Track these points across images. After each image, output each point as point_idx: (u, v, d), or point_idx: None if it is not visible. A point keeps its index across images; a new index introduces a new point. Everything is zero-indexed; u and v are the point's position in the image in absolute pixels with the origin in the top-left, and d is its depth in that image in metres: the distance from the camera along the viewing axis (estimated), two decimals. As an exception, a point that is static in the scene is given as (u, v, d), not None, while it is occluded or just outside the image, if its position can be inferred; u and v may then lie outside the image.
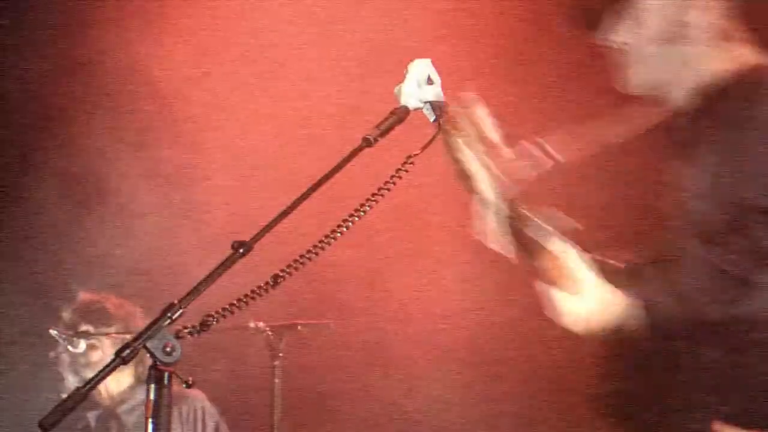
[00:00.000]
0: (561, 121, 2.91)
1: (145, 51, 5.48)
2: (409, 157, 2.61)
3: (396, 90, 2.69)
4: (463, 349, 5.26)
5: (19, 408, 5.30)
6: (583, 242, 2.76)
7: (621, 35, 2.92)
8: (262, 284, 2.36)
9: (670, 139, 2.94)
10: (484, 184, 2.71)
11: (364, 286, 5.38)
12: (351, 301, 5.36)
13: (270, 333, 4.52)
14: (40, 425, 2.17)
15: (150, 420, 2.22)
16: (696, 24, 2.90)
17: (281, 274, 2.37)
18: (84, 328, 4.65)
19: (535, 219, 2.73)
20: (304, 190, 2.43)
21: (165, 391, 2.23)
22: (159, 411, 2.23)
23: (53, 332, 4.66)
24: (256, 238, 2.36)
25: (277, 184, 5.03)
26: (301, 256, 2.40)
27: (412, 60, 2.73)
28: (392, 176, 2.54)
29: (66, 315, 4.74)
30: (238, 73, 5.49)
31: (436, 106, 2.69)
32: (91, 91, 5.66)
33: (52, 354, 4.71)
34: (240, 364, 5.26)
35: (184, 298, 2.27)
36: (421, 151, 2.65)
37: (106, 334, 4.62)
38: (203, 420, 4.62)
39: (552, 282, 2.75)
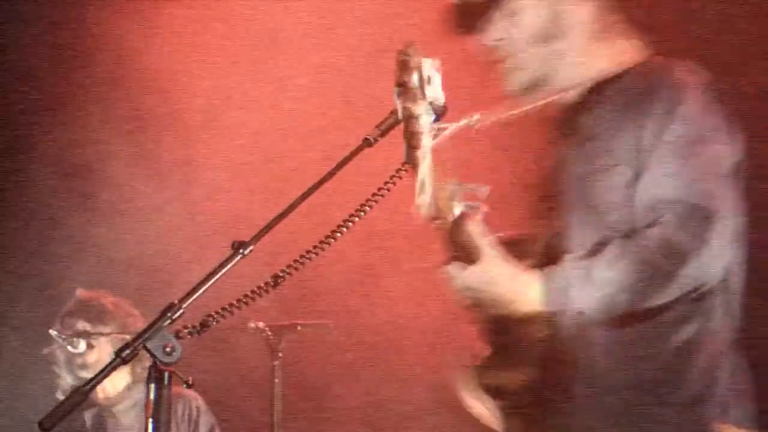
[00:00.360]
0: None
1: (145, 48, 5.48)
2: (409, 157, 2.61)
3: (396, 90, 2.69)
4: (462, 348, 5.25)
5: (16, 407, 5.30)
6: (492, 221, 2.74)
7: (497, 34, 2.88)
8: (262, 284, 2.36)
9: (560, 133, 2.89)
10: (425, 138, 2.61)
11: (364, 286, 5.38)
12: (351, 301, 5.36)
13: (270, 333, 4.52)
14: (40, 425, 2.17)
15: (150, 420, 2.23)
16: (573, 21, 2.85)
17: (281, 274, 2.37)
18: (81, 326, 4.63)
19: (451, 185, 2.70)
20: (304, 190, 2.43)
21: (165, 391, 2.23)
22: (159, 411, 2.23)
23: (53, 332, 4.65)
24: (256, 238, 2.37)
25: (277, 184, 5.03)
26: (301, 256, 2.40)
27: (411, 60, 2.72)
28: (392, 176, 2.53)
29: (64, 313, 4.73)
30: (239, 71, 5.49)
31: (435, 107, 2.69)
32: (91, 87, 5.66)
33: (45, 350, 4.68)
34: (240, 364, 5.26)
35: (184, 298, 2.28)
36: (421, 151, 2.65)
37: (105, 334, 4.61)
38: (197, 420, 4.61)
39: (456, 249, 2.77)
